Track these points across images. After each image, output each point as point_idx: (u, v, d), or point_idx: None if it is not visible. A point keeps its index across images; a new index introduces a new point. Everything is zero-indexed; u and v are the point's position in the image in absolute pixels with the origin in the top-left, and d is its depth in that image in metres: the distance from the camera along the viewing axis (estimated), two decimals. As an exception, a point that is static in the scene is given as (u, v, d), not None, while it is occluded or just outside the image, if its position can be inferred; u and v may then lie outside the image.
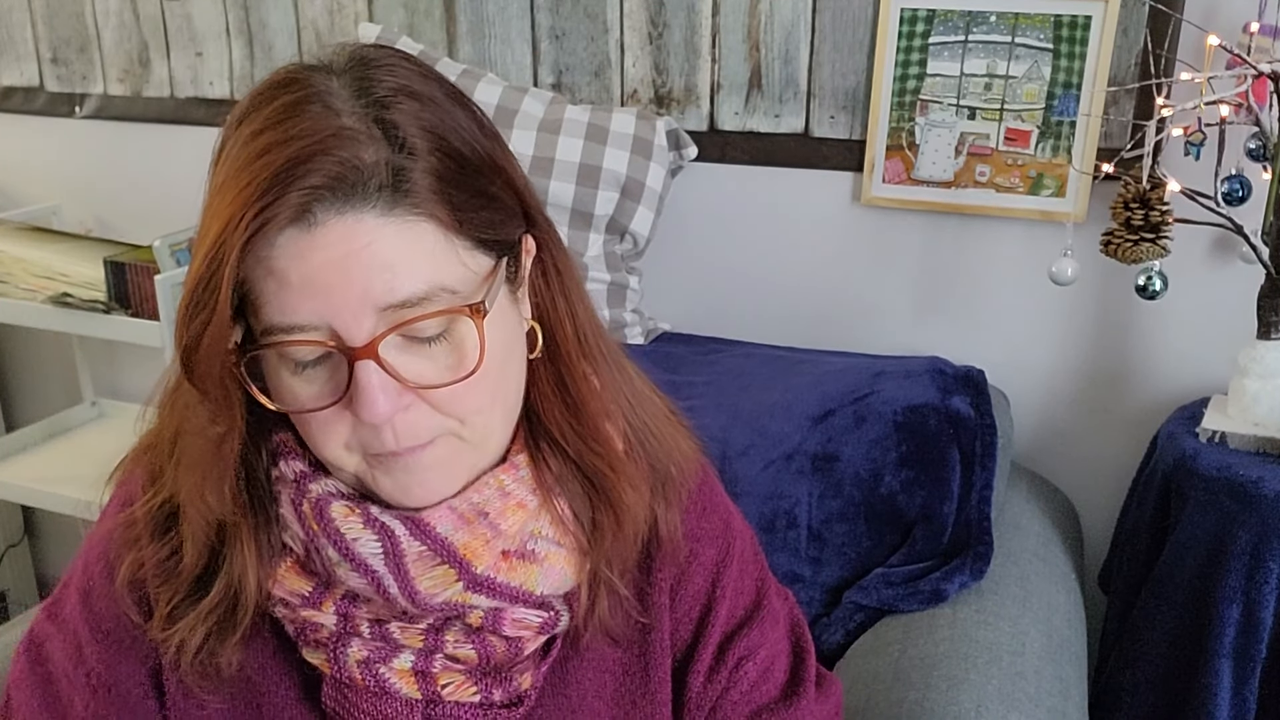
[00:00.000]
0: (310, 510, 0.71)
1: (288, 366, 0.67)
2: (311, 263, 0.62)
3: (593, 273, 1.72)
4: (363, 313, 0.63)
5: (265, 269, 0.63)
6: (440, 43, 1.89)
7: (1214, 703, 1.34)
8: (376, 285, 0.63)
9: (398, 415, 0.66)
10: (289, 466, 0.72)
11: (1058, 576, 1.45)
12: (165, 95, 2.11)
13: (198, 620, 0.72)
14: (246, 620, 0.72)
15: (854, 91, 1.68)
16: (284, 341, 0.64)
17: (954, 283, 1.71)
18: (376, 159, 0.63)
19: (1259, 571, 1.31)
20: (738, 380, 1.58)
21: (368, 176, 0.62)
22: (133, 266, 1.86)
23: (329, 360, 0.66)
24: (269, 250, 0.63)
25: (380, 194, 0.63)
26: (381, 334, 0.64)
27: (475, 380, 0.67)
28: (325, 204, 0.62)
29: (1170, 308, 1.57)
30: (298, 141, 0.62)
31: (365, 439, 0.68)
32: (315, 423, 0.68)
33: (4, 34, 2.22)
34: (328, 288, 0.63)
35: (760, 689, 0.85)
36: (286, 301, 0.63)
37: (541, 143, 1.70)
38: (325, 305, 0.63)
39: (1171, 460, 1.42)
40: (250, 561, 0.72)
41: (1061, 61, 1.55)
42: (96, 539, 0.79)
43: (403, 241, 0.64)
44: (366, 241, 0.63)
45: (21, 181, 2.31)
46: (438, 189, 0.65)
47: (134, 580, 0.75)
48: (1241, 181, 1.42)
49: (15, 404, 2.50)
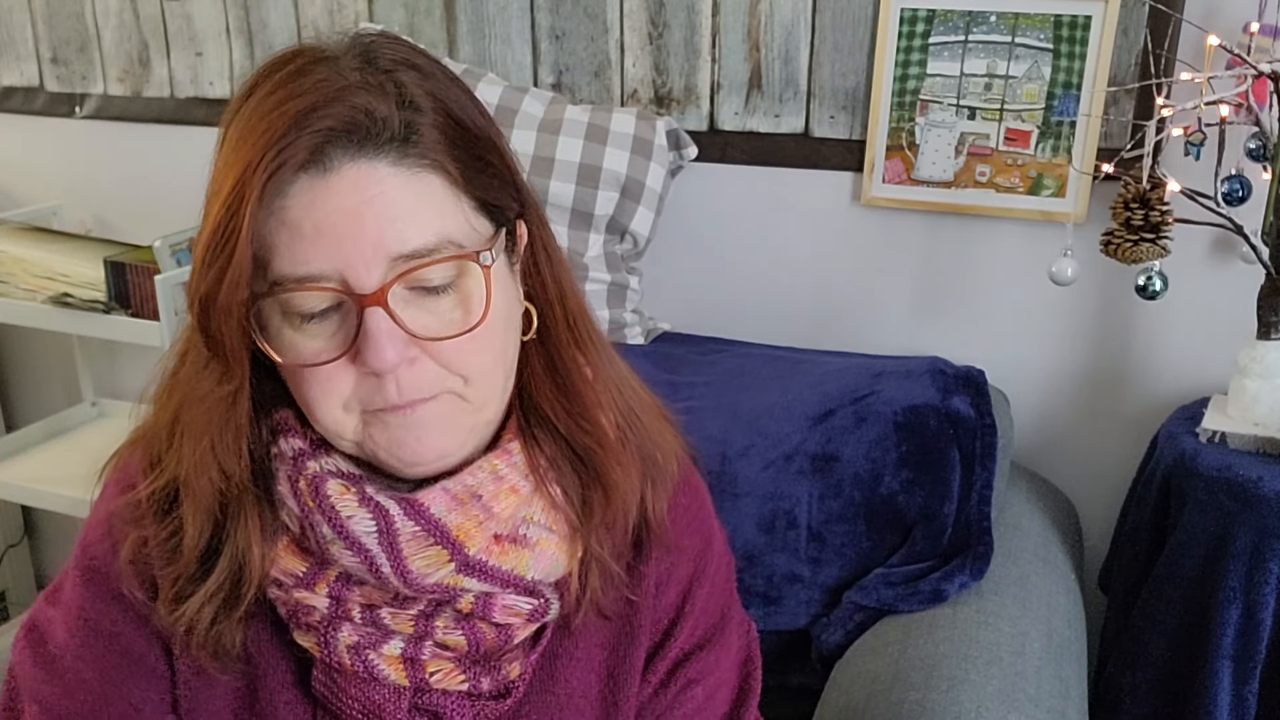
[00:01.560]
0: (306, 487, 0.72)
1: (291, 323, 0.68)
2: (326, 209, 0.64)
3: (593, 273, 1.72)
4: (374, 261, 0.65)
5: (279, 220, 0.65)
6: (440, 43, 1.89)
7: (1214, 703, 1.34)
8: (388, 234, 0.65)
9: (402, 368, 0.67)
10: (288, 444, 0.73)
11: (1058, 576, 1.45)
12: (165, 95, 2.11)
13: (204, 599, 0.72)
14: (251, 595, 0.73)
15: (854, 91, 1.68)
16: (296, 288, 0.66)
17: (954, 283, 1.71)
18: (389, 112, 0.66)
19: (1259, 571, 1.31)
20: (738, 380, 1.58)
21: (380, 126, 0.65)
22: (133, 266, 1.85)
23: (334, 315, 0.67)
24: (283, 200, 0.65)
25: (392, 144, 0.66)
26: (392, 279, 0.65)
27: (480, 334, 0.69)
28: (340, 149, 0.65)
29: (1170, 308, 1.57)
30: (311, 94, 0.65)
31: (367, 394, 0.68)
32: (317, 379, 0.68)
33: (4, 34, 2.22)
34: (341, 235, 0.65)
35: (702, 715, 0.87)
36: (299, 251, 0.65)
37: (541, 143, 1.70)
38: (338, 253, 0.65)
39: (1171, 460, 1.42)
40: (254, 535, 0.72)
41: (1061, 61, 1.55)
42: (97, 521, 0.79)
43: (412, 192, 0.66)
44: (379, 190, 0.65)
45: (21, 181, 2.31)
46: (444, 145, 0.68)
47: (137, 558, 0.75)
48: (1241, 181, 1.42)
49: (15, 404, 2.50)
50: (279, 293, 0.66)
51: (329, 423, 0.70)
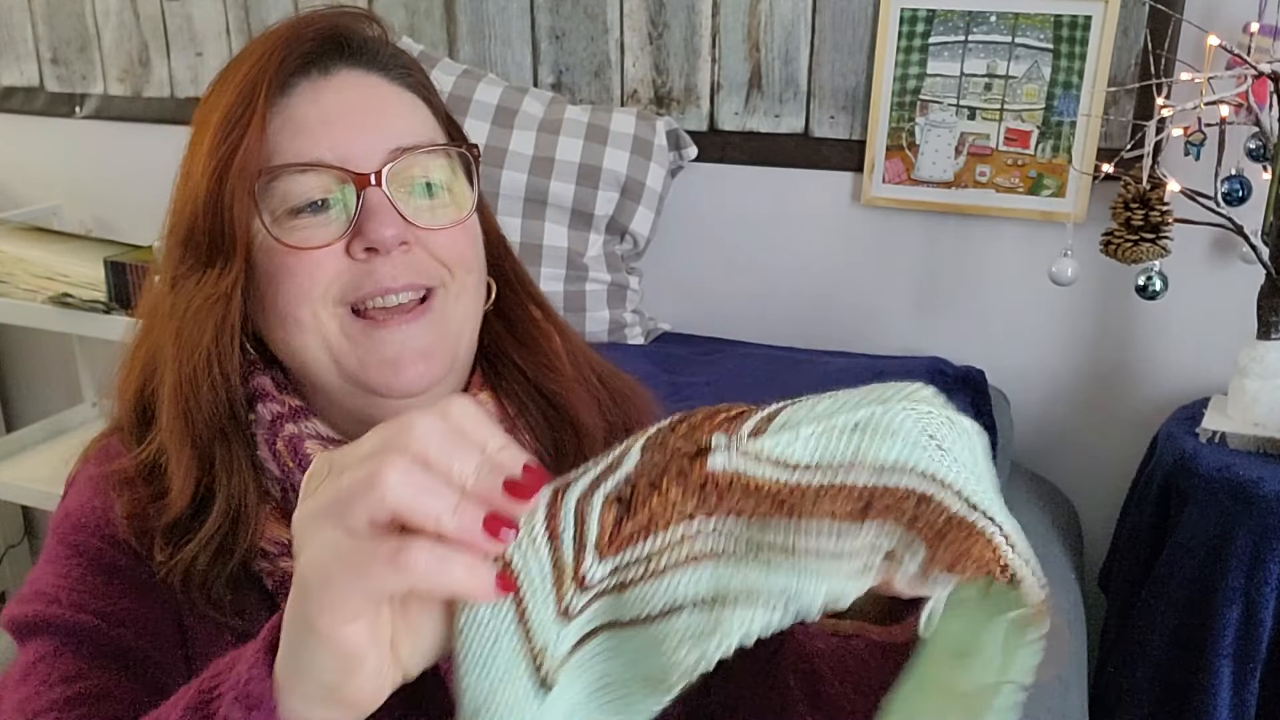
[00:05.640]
0: (284, 448, 0.72)
1: (288, 219, 0.69)
2: (329, 103, 0.70)
3: (592, 273, 1.72)
4: (375, 149, 0.69)
5: (283, 119, 0.69)
6: (440, 43, 1.89)
7: (1214, 703, 1.34)
8: (387, 128, 0.70)
9: (397, 252, 0.69)
10: (266, 409, 0.73)
11: (1058, 576, 1.45)
12: (165, 95, 2.11)
13: (200, 548, 0.70)
14: (248, 541, 0.71)
15: (854, 91, 1.68)
16: (299, 170, 0.68)
17: (954, 283, 1.71)
18: (378, 35, 0.74)
19: (1259, 571, 1.31)
20: (738, 380, 1.58)
21: (376, 46, 0.73)
22: (133, 266, 1.85)
23: (329, 211, 0.69)
24: (287, 99, 0.69)
25: (384, 64, 0.73)
26: (388, 161, 0.69)
27: (468, 228, 0.73)
28: (339, 59, 0.71)
29: (1170, 308, 1.57)
30: (302, 20, 0.72)
31: (355, 280, 0.69)
32: (304, 267, 0.69)
33: (4, 34, 2.22)
34: (344, 122, 0.69)
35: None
36: (302, 142, 0.69)
37: (541, 143, 1.70)
38: (340, 140, 0.69)
39: (1171, 460, 1.42)
40: (248, 475, 0.71)
41: (1061, 61, 1.55)
42: (79, 488, 0.77)
43: (406, 107, 0.73)
44: (377, 93, 0.72)
45: (21, 181, 2.31)
46: (426, 86, 0.75)
47: (132, 515, 0.73)
48: (1241, 181, 1.42)
49: (15, 404, 2.50)
50: (281, 174, 0.68)
51: (308, 319, 0.69)
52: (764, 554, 0.45)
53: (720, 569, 0.45)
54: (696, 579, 0.45)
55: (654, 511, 0.45)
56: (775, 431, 0.45)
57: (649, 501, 0.45)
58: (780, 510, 0.45)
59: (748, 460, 0.45)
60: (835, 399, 0.46)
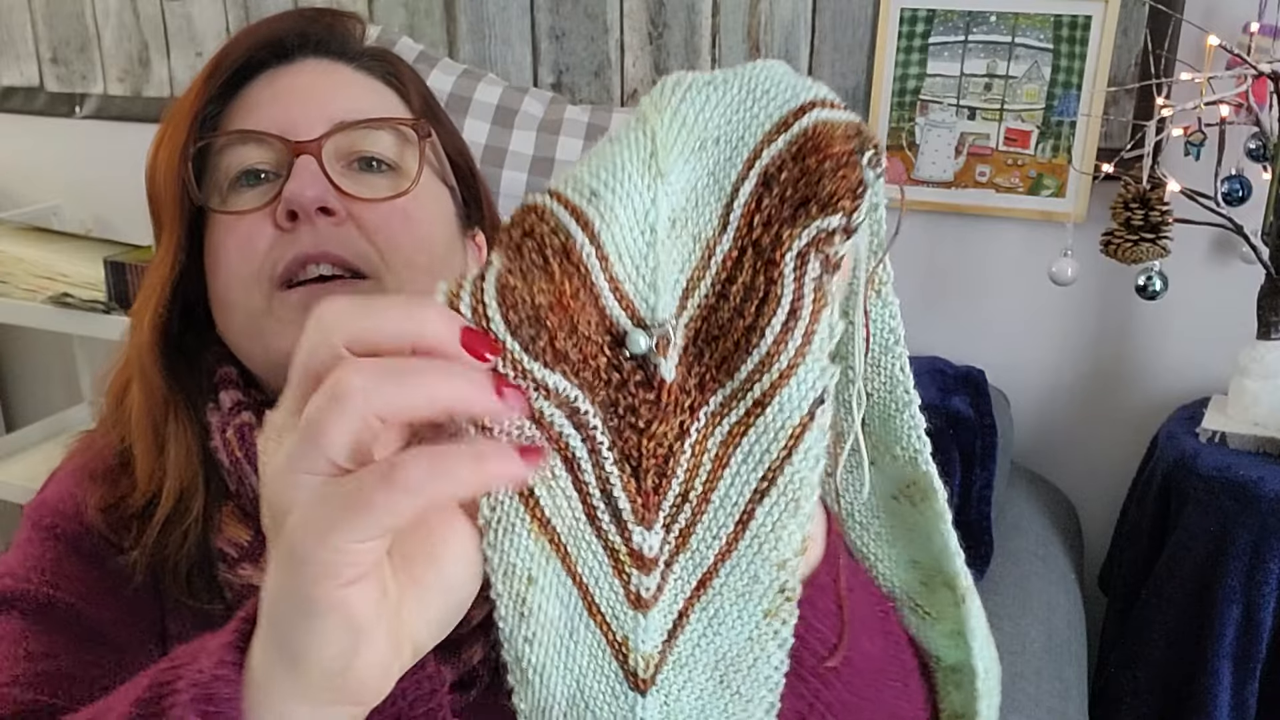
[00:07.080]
0: (234, 436, 0.69)
1: (228, 191, 0.70)
2: (283, 84, 0.71)
3: (593, 273, 1.72)
4: (318, 121, 0.69)
5: (239, 105, 0.70)
6: (440, 43, 1.88)
7: (1214, 703, 1.34)
8: (337, 102, 0.70)
9: (323, 221, 0.67)
10: (227, 396, 0.71)
11: (1058, 576, 1.45)
12: (165, 95, 2.11)
13: (157, 531, 0.69)
14: (202, 524, 0.68)
15: (854, 91, 1.68)
16: (237, 137, 0.69)
17: (954, 283, 1.71)
18: (354, 33, 0.75)
19: (1259, 571, 1.31)
20: (738, 380, 1.58)
21: (344, 38, 0.74)
22: (133, 266, 1.85)
23: (265, 184, 0.69)
24: (246, 89, 0.71)
25: (355, 56, 0.73)
26: (328, 133, 0.68)
27: (408, 208, 0.69)
28: (304, 50, 0.72)
29: (1170, 308, 1.57)
30: (279, 14, 0.74)
31: (282, 249, 0.67)
32: (235, 237, 0.68)
33: (4, 34, 2.22)
34: (293, 98, 0.70)
35: None
36: (250, 114, 0.70)
37: (541, 143, 1.70)
38: (284, 115, 0.69)
39: (1171, 460, 1.42)
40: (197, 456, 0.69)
41: (1061, 61, 1.55)
42: (58, 480, 0.76)
43: (363, 88, 0.73)
44: (336, 76, 0.72)
45: (21, 181, 2.31)
46: (399, 77, 0.75)
47: (106, 506, 0.72)
48: (1241, 181, 1.42)
49: (15, 404, 2.50)
50: (224, 148, 0.69)
51: (238, 292, 0.68)
52: (755, 395, 0.43)
53: (746, 443, 0.42)
54: (736, 471, 0.42)
55: (655, 451, 0.42)
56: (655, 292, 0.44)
57: (640, 446, 0.43)
58: (728, 343, 0.43)
59: (673, 337, 0.43)
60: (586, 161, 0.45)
